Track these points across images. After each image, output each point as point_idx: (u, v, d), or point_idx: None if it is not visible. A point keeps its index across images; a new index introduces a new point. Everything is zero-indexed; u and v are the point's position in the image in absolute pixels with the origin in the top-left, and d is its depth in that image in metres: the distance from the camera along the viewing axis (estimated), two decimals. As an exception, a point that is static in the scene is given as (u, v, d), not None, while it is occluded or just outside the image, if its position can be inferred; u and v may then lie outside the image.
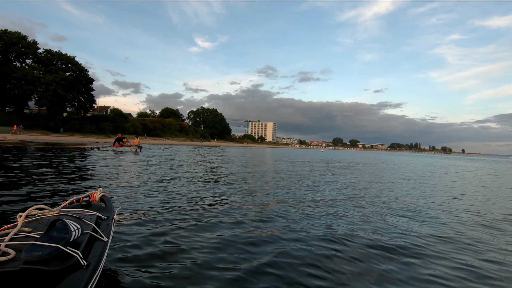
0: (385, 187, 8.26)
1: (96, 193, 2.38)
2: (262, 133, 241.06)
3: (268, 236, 3.25)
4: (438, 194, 7.47)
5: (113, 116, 56.77)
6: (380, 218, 4.46)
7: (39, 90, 38.84)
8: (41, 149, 15.95)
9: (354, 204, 5.48)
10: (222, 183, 7.24)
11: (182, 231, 3.19)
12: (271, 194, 6.10)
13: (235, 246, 2.88)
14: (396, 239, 3.45)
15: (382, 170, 15.10)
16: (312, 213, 4.50)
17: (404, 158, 42.22)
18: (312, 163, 18.06)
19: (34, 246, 1.27)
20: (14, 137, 27.64)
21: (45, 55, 44.42)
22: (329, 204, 5.34)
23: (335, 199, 5.89)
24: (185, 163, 12.73)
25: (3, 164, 8.26)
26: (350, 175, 11.35)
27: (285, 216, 4.20)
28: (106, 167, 9.31)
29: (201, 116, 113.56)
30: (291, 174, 10.52)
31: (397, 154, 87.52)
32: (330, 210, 4.83)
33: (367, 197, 6.39)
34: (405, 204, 5.79)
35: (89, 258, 1.42)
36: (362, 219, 4.30)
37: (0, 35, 38.61)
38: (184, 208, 4.26)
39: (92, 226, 1.70)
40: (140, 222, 3.41)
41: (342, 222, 4.09)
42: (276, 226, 3.67)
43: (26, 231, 1.50)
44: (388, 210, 5.11)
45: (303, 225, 3.81)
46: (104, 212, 2.10)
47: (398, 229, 3.90)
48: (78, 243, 1.45)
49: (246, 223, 3.71)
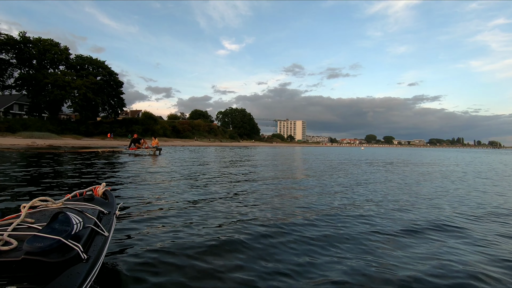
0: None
1: (99, 188, 2.37)
2: (291, 132, 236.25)
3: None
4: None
5: (143, 118, 56.89)
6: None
7: (70, 95, 39.00)
8: (34, 154, 14.16)
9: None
10: (249, 184, 6.36)
11: (188, 229, 3.07)
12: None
13: (254, 249, 2.61)
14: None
15: (479, 173, 10.98)
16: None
17: (457, 155, 36.08)
18: (381, 166, 14.31)
19: (36, 237, 1.26)
20: (43, 142, 27.19)
21: (76, 60, 44.97)
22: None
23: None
24: (213, 168, 9.88)
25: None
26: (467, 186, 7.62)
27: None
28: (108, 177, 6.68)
29: (230, 117, 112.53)
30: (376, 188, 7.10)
31: (442, 150, 78.44)
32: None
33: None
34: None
35: (90, 251, 1.42)
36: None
37: (34, 42, 39.45)
38: (192, 207, 4.05)
39: (94, 220, 1.70)
40: (142, 219, 3.32)
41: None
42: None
43: (29, 222, 1.52)
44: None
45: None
46: (106, 207, 2.08)
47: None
48: (80, 236, 1.44)
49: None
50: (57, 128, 37.43)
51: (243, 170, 9.69)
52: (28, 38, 39.05)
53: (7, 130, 31.61)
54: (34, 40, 39.61)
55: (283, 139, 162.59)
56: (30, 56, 38.69)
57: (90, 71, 45.79)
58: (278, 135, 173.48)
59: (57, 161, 10.59)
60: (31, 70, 39.62)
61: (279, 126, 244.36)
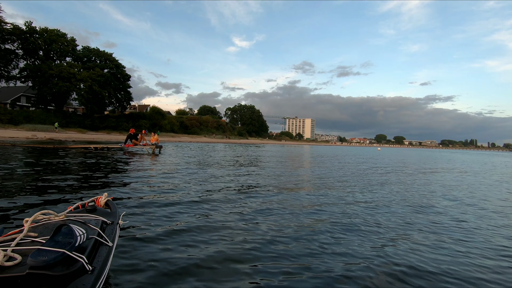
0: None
1: (101, 198, 2.37)
2: (300, 130, 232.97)
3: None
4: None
5: (151, 113, 55.61)
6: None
7: (76, 87, 37.79)
8: (31, 149, 12.59)
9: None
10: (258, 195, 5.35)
11: (189, 240, 2.88)
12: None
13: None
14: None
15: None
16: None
17: (472, 158, 33.27)
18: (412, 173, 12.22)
19: (40, 251, 1.25)
20: (43, 135, 25.93)
21: (83, 52, 43.79)
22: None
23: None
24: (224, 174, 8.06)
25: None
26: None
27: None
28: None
29: (239, 113, 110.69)
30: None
31: (456, 152, 74.70)
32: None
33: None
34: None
35: (94, 263, 1.41)
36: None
37: (41, 33, 38.36)
38: (194, 218, 3.67)
39: (97, 231, 1.67)
40: (146, 228, 3.15)
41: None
42: None
43: (32, 236, 1.50)
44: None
45: None
46: (109, 217, 2.07)
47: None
48: (84, 248, 1.43)
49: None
50: (61, 121, 36.28)
51: (254, 179, 7.83)
52: (34, 28, 37.94)
53: (10, 122, 30.60)
54: (41, 30, 38.53)
55: (291, 137, 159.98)
56: (35, 47, 37.60)
57: (97, 63, 44.58)
58: (287, 133, 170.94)
59: (32, 158, 8.94)
60: (37, 61, 38.59)
61: (287, 124, 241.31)
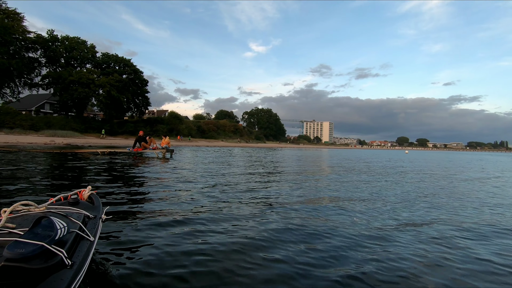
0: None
1: (84, 191, 2.28)
2: (317, 133, 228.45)
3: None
4: None
5: (168, 118, 55.59)
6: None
7: (94, 93, 38.04)
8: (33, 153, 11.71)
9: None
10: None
11: (175, 237, 2.76)
12: None
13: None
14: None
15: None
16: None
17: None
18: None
19: (17, 243, 1.21)
20: (61, 141, 25.77)
21: (102, 58, 44.30)
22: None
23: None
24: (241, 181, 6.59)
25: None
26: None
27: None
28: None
29: (256, 117, 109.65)
30: None
31: (489, 154, 69.12)
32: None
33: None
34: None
35: (74, 257, 1.37)
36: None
37: (62, 40, 39.13)
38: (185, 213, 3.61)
39: (79, 224, 1.63)
40: (129, 223, 3.05)
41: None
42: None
43: (10, 227, 1.45)
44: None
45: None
46: (91, 211, 2.01)
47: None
48: (64, 241, 1.39)
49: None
50: (80, 127, 36.54)
51: (270, 187, 6.27)
52: (56, 36, 38.79)
53: (31, 128, 30.96)
54: (62, 38, 39.32)
55: (309, 141, 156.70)
56: (57, 54, 38.32)
57: (116, 69, 44.95)
58: (305, 137, 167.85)
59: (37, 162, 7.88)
60: (58, 68, 39.32)
61: (305, 127, 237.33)
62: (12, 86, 34.59)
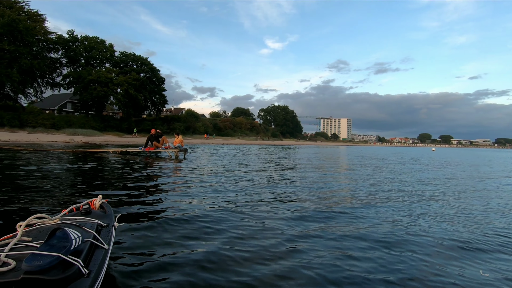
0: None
1: (95, 200, 2.30)
2: (335, 130, 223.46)
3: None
4: None
5: (185, 116, 55.78)
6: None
7: (113, 91, 38.51)
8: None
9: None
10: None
11: (189, 240, 2.80)
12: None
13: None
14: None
15: None
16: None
17: None
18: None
19: (34, 255, 1.24)
20: (80, 139, 26.04)
21: (120, 57, 44.83)
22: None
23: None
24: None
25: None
26: None
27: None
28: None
29: (272, 114, 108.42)
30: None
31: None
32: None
33: None
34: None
35: (90, 266, 1.39)
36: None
37: (82, 40, 39.87)
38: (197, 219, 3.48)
39: (93, 233, 1.65)
40: (143, 230, 3.03)
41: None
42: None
43: (26, 241, 1.48)
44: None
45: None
46: (104, 220, 2.02)
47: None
48: (79, 251, 1.41)
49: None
50: (100, 125, 37.09)
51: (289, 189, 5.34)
52: (76, 37, 39.55)
53: (52, 127, 31.65)
54: (82, 38, 40.05)
55: (327, 138, 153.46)
56: (77, 54, 39.07)
57: (133, 68, 45.38)
58: (322, 134, 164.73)
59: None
60: (78, 68, 40.13)
61: (322, 124, 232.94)
62: (35, 86, 35.66)
